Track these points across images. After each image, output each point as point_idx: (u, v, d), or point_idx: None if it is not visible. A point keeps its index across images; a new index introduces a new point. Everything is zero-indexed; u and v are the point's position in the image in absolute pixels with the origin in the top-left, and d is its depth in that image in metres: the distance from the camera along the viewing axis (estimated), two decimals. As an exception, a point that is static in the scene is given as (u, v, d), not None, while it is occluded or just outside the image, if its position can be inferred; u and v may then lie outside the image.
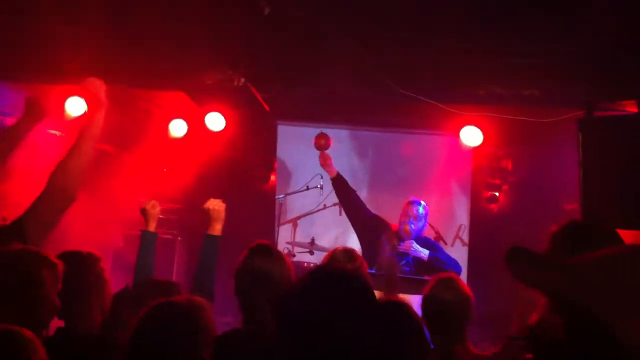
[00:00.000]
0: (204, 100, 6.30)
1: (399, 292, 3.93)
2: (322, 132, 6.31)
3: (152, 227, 3.88)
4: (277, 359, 1.95)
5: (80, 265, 3.13)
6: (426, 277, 5.86)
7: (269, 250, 3.22)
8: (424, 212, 6.07)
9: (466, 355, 3.27)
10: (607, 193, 4.46)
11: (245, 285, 3.09)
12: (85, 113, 3.52)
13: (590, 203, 4.53)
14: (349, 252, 3.90)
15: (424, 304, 3.36)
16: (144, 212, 3.91)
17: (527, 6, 4.18)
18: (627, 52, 4.28)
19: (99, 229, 6.50)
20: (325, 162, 6.27)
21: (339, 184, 6.29)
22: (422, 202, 6.10)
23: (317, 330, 1.88)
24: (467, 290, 3.50)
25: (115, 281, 3.39)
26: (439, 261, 5.91)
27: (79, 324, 3.05)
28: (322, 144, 6.28)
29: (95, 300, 3.10)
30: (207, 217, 3.86)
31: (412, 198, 6.19)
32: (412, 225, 5.96)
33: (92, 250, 3.30)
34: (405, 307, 2.67)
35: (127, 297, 3.18)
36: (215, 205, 3.79)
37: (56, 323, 3.09)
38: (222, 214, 3.80)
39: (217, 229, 3.76)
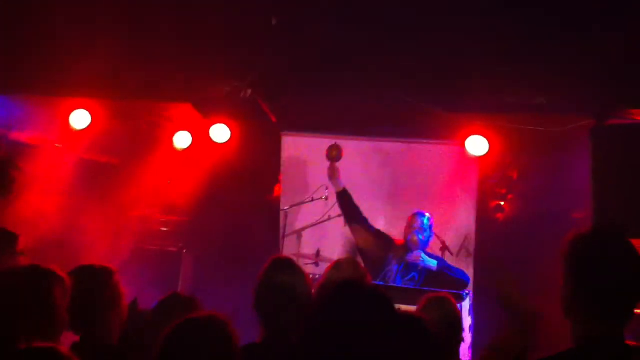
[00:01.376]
0: (211, 112, 6.30)
1: (406, 304, 3.91)
2: (335, 144, 6.29)
3: None
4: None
5: (96, 278, 3.11)
6: (433, 289, 5.91)
7: (291, 265, 3.20)
8: (429, 224, 6.05)
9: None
10: (619, 201, 4.44)
11: (267, 299, 3.06)
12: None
13: (602, 211, 4.50)
14: (352, 262, 3.89)
15: None
16: None
17: (540, 15, 4.17)
18: (637, 61, 4.28)
19: (105, 240, 6.50)
20: (333, 174, 6.25)
21: (344, 199, 6.27)
22: (427, 214, 6.08)
23: (341, 345, 1.88)
24: (457, 310, 3.51)
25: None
26: (448, 270, 5.89)
27: (96, 336, 3.03)
28: (334, 155, 6.25)
29: (111, 313, 3.08)
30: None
31: (416, 210, 6.18)
32: (420, 236, 5.94)
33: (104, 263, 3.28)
34: (423, 322, 2.65)
35: (146, 312, 3.18)
36: None
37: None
38: None
39: None
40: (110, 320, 3.06)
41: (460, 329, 3.48)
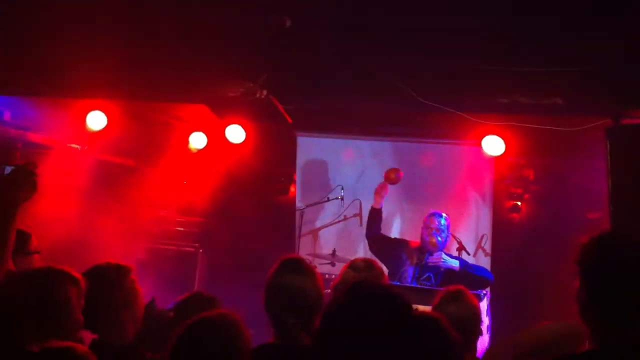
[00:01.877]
0: (226, 113, 6.32)
1: (423, 304, 3.89)
2: (394, 168, 6.43)
3: None
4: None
5: (113, 277, 3.10)
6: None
7: (300, 265, 3.15)
8: (446, 224, 6.03)
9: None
10: (636, 201, 4.40)
11: (277, 300, 3.03)
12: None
13: (619, 212, 4.46)
14: (368, 262, 3.86)
15: None
16: None
17: (555, 16, 4.14)
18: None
19: (121, 241, 6.53)
20: (381, 191, 6.35)
21: (375, 217, 6.37)
22: (443, 214, 6.07)
23: (355, 346, 1.87)
24: (475, 302, 3.49)
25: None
26: (471, 268, 5.89)
27: (112, 336, 3.02)
28: (392, 177, 6.39)
29: (128, 312, 3.07)
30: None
31: (432, 210, 6.17)
32: (438, 237, 5.93)
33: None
34: (440, 322, 2.62)
35: (165, 311, 3.19)
36: None
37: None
38: None
39: None
40: (125, 320, 3.05)
41: (478, 321, 3.44)
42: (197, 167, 7.58)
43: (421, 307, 3.54)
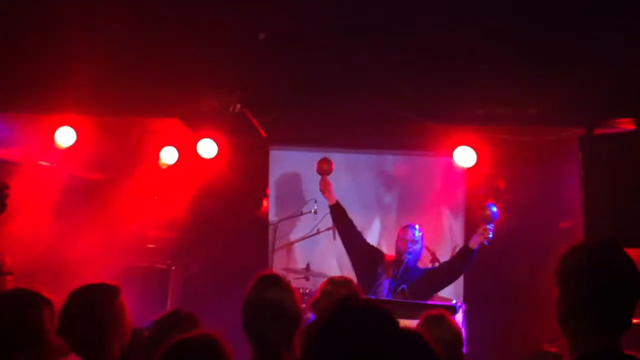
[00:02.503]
0: (199, 127, 6.27)
1: (402, 318, 3.88)
2: (325, 157, 6.26)
3: None
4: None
5: (103, 297, 3.03)
6: (425, 291, 5.92)
7: (278, 281, 3.13)
8: (420, 235, 6.04)
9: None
10: (610, 210, 4.46)
11: (254, 317, 2.99)
12: None
13: (592, 221, 4.52)
14: (345, 279, 3.91)
15: None
16: None
17: (528, 26, 4.20)
18: (625, 70, 4.31)
19: (92, 259, 6.42)
20: (325, 187, 6.22)
21: (337, 213, 6.24)
22: (417, 226, 6.08)
23: None
24: (455, 326, 3.50)
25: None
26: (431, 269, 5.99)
27: (100, 357, 2.94)
28: (324, 168, 6.23)
29: (115, 334, 3.00)
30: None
31: (407, 222, 6.17)
32: (411, 249, 5.93)
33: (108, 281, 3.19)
34: (425, 338, 2.60)
35: (140, 330, 3.12)
36: None
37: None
38: None
39: None
40: (112, 342, 2.97)
41: (461, 345, 3.45)
42: (170, 182, 7.51)
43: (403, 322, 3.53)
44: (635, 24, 4.06)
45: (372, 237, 7.44)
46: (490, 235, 5.58)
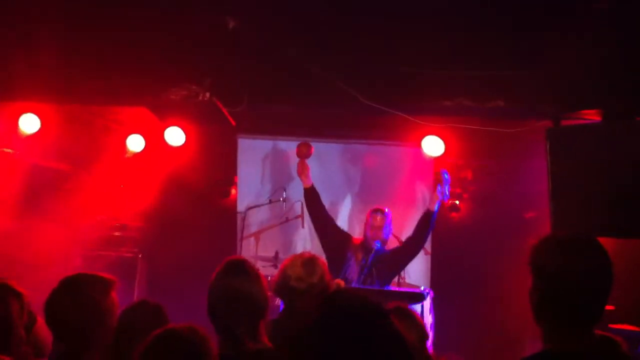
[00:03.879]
0: (167, 116, 6.20)
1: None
2: (305, 141, 6.27)
3: None
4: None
5: (98, 289, 2.92)
6: (394, 289, 5.98)
7: (245, 267, 2.96)
8: (388, 219, 6.08)
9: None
10: (576, 201, 4.53)
11: (222, 306, 2.86)
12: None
13: (559, 212, 4.59)
14: (309, 258, 3.55)
15: None
16: None
17: (494, 18, 4.23)
18: (591, 62, 4.38)
19: (57, 249, 6.33)
20: (303, 171, 6.19)
21: (311, 196, 6.21)
22: (386, 209, 6.11)
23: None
24: (421, 320, 3.44)
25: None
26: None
27: (84, 353, 2.83)
28: (304, 152, 6.21)
29: (106, 326, 2.88)
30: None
31: (374, 206, 6.20)
32: (380, 232, 5.98)
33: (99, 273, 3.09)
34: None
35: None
36: None
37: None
38: None
39: None
40: (100, 334, 2.85)
41: (425, 340, 3.42)
42: (137, 171, 7.43)
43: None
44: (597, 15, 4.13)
45: (341, 223, 7.49)
46: (446, 194, 5.83)
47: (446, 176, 5.80)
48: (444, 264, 7.36)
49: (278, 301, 4.55)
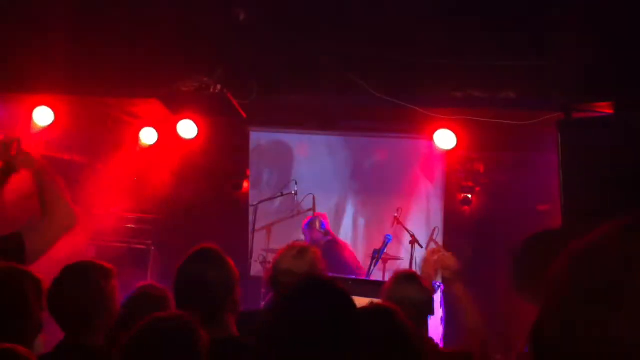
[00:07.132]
0: (179, 108, 6.24)
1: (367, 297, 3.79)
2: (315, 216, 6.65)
3: None
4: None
5: (99, 275, 2.94)
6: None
7: (209, 255, 2.92)
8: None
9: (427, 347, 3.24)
10: (587, 194, 4.51)
11: (179, 292, 2.85)
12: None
13: (570, 204, 4.56)
14: (299, 252, 3.47)
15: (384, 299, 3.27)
16: None
17: (506, 10, 4.22)
18: (603, 55, 4.35)
19: (70, 239, 6.38)
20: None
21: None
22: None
23: (303, 344, 1.89)
24: (427, 284, 3.46)
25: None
26: None
27: (89, 337, 2.86)
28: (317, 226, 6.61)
29: (107, 314, 2.91)
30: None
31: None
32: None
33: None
34: (392, 315, 2.56)
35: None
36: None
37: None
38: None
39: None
40: (100, 322, 2.89)
41: (432, 301, 3.43)
42: (150, 163, 7.47)
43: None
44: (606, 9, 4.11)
45: (348, 217, 7.50)
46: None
47: (388, 239, 6.14)
48: (454, 256, 7.35)
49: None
